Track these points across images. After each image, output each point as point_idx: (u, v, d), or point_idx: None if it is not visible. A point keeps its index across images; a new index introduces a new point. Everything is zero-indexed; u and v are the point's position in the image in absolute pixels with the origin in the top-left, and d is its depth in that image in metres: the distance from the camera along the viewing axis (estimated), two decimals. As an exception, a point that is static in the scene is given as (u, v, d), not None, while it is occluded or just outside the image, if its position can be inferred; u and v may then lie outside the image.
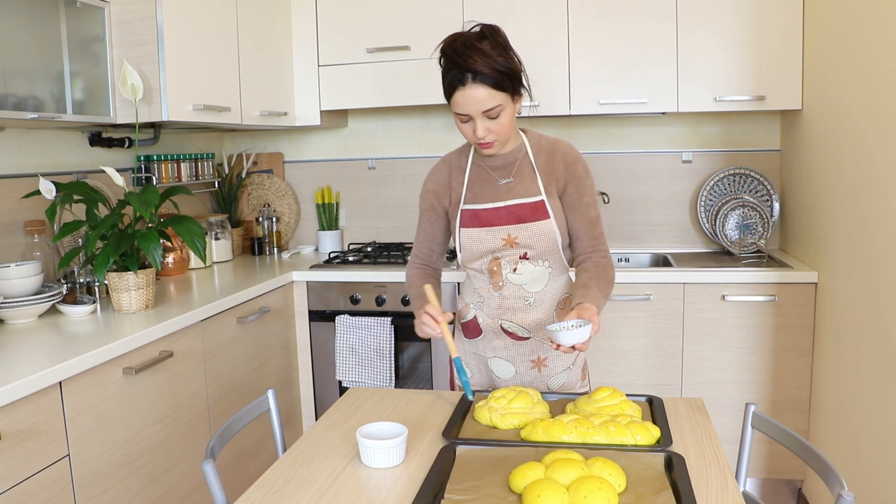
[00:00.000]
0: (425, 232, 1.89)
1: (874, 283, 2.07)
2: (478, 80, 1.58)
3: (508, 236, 1.73)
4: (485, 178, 1.78)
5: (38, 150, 2.44)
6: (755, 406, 1.58)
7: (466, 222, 1.77)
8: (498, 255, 1.76)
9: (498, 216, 1.74)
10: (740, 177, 3.17)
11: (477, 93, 1.59)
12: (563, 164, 1.75)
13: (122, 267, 2.20)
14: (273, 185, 3.61)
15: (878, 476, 2.01)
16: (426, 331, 1.66)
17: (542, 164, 1.76)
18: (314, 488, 1.27)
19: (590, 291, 1.66)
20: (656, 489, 1.20)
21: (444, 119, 3.45)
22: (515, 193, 1.75)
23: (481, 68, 1.57)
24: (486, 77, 1.58)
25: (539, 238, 1.73)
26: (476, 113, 1.61)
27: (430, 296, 1.69)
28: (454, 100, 1.63)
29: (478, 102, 1.60)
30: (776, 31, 2.79)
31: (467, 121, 1.65)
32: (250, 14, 2.88)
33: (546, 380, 1.83)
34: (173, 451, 2.14)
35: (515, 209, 1.73)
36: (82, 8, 2.23)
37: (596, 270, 1.73)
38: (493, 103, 1.60)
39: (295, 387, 3.01)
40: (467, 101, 1.61)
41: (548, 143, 1.79)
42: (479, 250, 1.77)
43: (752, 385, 2.74)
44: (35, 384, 1.59)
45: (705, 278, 2.71)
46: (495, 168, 1.78)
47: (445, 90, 1.65)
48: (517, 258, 1.76)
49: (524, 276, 1.77)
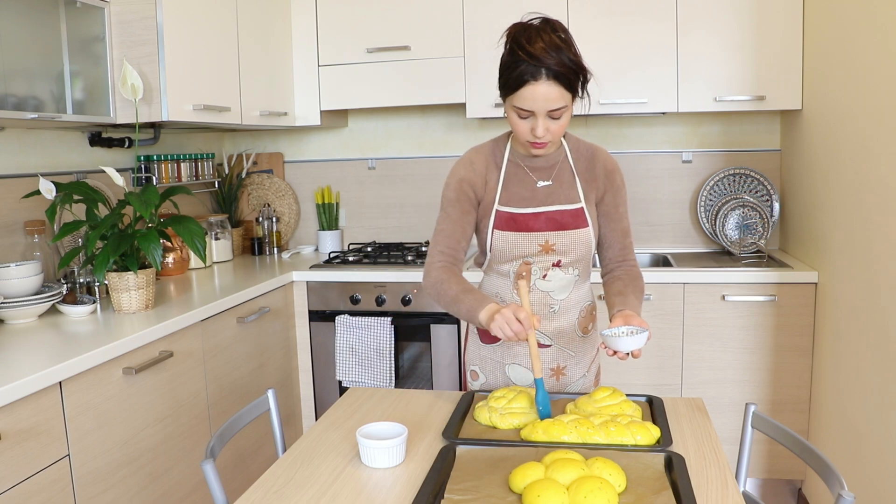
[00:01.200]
0: (453, 223, 1.71)
1: (874, 283, 2.07)
2: (552, 77, 1.49)
3: (546, 242, 1.68)
4: (522, 179, 1.71)
5: (38, 150, 2.44)
6: (755, 406, 1.58)
7: (502, 224, 1.69)
8: (529, 261, 1.70)
9: (537, 222, 1.68)
10: (740, 177, 3.17)
11: (549, 90, 1.50)
12: (603, 172, 1.72)
13: (122, 267, 2.20)
14: (273, 185, 3.61)
15: (878, 476, 2.01)
16: (511, 334, 1.48)
17: (581, 170, 1.72)
18: (314, 488, 1.27)
19: (628, 299, 1.66)
20: (656, 489, 1.20)
21: (444, 119, 3.45)
22: (555, 199, 1.69)
23: (558, 66, 1.49)
24: (561, 75, 1.50)
25: (576, 245, 1.69)
26: (542, 111, 1.53)
27: (523, 294, 1.51)
28: (521, 94, 1.52)
29: (547, 100, 1.51)
30: (776, 31, 2.79)
31: (527, 117, 1.56)
32: (250, 14, 2.88)
33: (564, 388, 1.81)
34: (173, 451, 2.14)
35: (556, 215, 1.68)
36: (82, 8, 2.23)
37: (629, 279, 1.73)
38: (561, 103, 1.53)
39: (295, 387, 3.01)
40: (536, 98, 1.51)
41: (586, 148, 1.74)
42: (511, 254, 1.70)
43: (752, 385, 2.74)
44: (35, 384, 1.59)
45: (705, 278, 2.71)
46: (535, 169, 1.71)
47: (510, 82, 1.53)
48: (550, 265, 1.70)
49: (553, 283, 1.72)
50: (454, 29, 3.01)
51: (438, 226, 1.73)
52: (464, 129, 3.44)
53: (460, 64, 3.02)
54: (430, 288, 1.69)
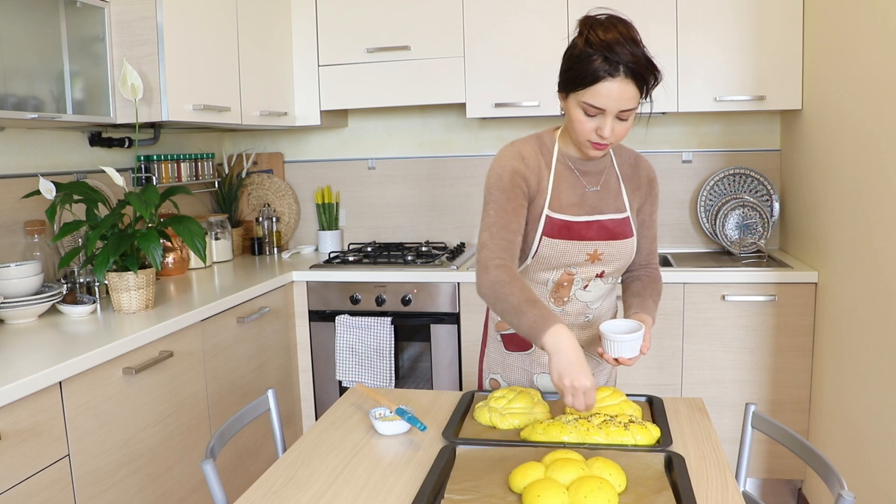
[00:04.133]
0: (509, 216, 1.53)
1: (874, 283, 2.07)
2: (630, 75, 1.42)
3: (595, 251, 1.60)
4: (572, 182, 1.61)
5: (38, 150, 2.44)
6: (755, 406, 1.58)
7: (553, 232, 1.58)
8: (572, 271, 1.62)
9: (590, 230, 1.59)
10: (740, 177, 3.17)
11: (625, 89, 1.42)
12: (646, 181, 1.69)
13: (122, 267, 2.20)
14: (273, 185, 3.61)
15: (878, 476, 2.01)
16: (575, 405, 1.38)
17: (626, 177, 1.67)
18: (314, 488, 1.28)
19: (646, 301, 1.66)
20: (656, 489, 1.20)
21: (444, 119, 3.45)
22: (605, 207, 1.63)
23: (636, 64, 1.41)
24: (639, 75, 1.43)
25: (621, 255, 1.64)
26: (614, 110, 1.44)
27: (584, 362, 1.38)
28: (595, 90, 1.42)
29: (622, 99, 1.43)
30: (776, 31, 2.79)
31: (595, 115, 1.46)
32: (250, 14, 2.88)
33: None
34: (173, 451, 2.14)
35: (608, 224, 1.61)
36: (82, 8, 2.23)
37: (648, 281, 1.72)
38: (633, 104, 1.45)
39: (295, 387, 3.01)
40: (611, 95, 1.42)
41: (629, 155, 1.70)
42: (556, 262, 1.60)
43: (752, 385, 2.74)
44: (35, 384, 1.59)
45: (705, 278, 2.71)
46: (585, 173, 1.62)
47: (584, 76, 1.43)
48: (593, 276, 1.63)
49: (592, 294, 1.66)
50: (454, 29, 3.01)
51: (490, 218, 1.54)
52: (464, 129, 3.44)
53: (460, 64, 3.02)
54: (487, 288, 1.50)
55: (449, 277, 2.83)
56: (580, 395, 1.35)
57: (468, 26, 3.00)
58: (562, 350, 1.37)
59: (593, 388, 1.36)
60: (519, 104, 2.97)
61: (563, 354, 1.37)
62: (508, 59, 2.95)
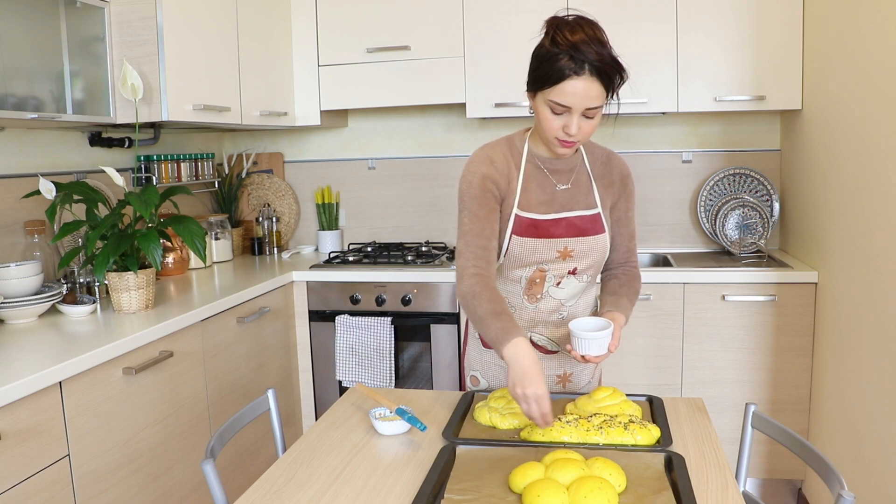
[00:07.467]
0: (482, 222, 1.59)
1: (874, 283, 2.07)
2: (595, 73, 1.44)
3: (565, 248, 1.63)
4: (540, 181, 1.65)
5: (38, 150, 2.44)
6: (755, 406, 1.58)
7: (522, 230, 1.62)
8: (544, 268, 1.65)
9: (558, 228, 1.63)
10: (740, 177, 3.17)
11: (591, 87, 1.45)
12: (619, 178, 1.71)
13: (122, 267, 2.20)
14: (273, 185, 3.61)
15: (878, 476, 2.01)
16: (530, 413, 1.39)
17: (598, 174, 1.69)
18: (314, 488, 1.28)
19: (620, 300, 1.66)
20: (656, 489, 1.20)
21: (444, 119, 3.45)
22: (574, 204, 1.65)
23: (601, 63, 1.44)
24: (604, 73, 1.45)
25: (593, 251, 1.66)
26: (579, 108, 1.47)
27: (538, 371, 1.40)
28: (561, 88, 1.46)
29: (587, 98, 1.46)
30: (776, 31, 2.79)
31: (562, 113, 1.49)
32: (250, 14, 2.88)
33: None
34: (173, 451, 2.14)
35: (576, 221, 1.64)
36: (82, 8, 2.23)
37: (626, 279, 1.73)
38: (599, 102, 1.48)
39: (295, 387, 3.01)
40: (577, 93, 1.45)
41: (601, 152, 1.72)
42: (526, 260, 1.64)
43: (752, 385, 2.74)
44: (35, 384, 1.59)
45: (705, 278, 2.71)
46: (554, 171, 1.65)
47: (550, 74, 1.47)
48: (565, 272, 1.66)
49: (566, 291, 1.68)
50: (454, 29, 3.01)
51: (465, 226, 1.60)
52: (464, 129, 3.44)
53: (460, 64, 3.02)
54: (461, 297, 1.58)
55: (449, 277, 2.83)
56: (533, 402, 1.37)
57: (468, 26, 3.00)
58: (517, 360, 1.41)
59: (545, 397, 1.37)
60: (519, 104, 2.97)
61: (517, 365, 1.41)
62: (508, 59, 2.95)
